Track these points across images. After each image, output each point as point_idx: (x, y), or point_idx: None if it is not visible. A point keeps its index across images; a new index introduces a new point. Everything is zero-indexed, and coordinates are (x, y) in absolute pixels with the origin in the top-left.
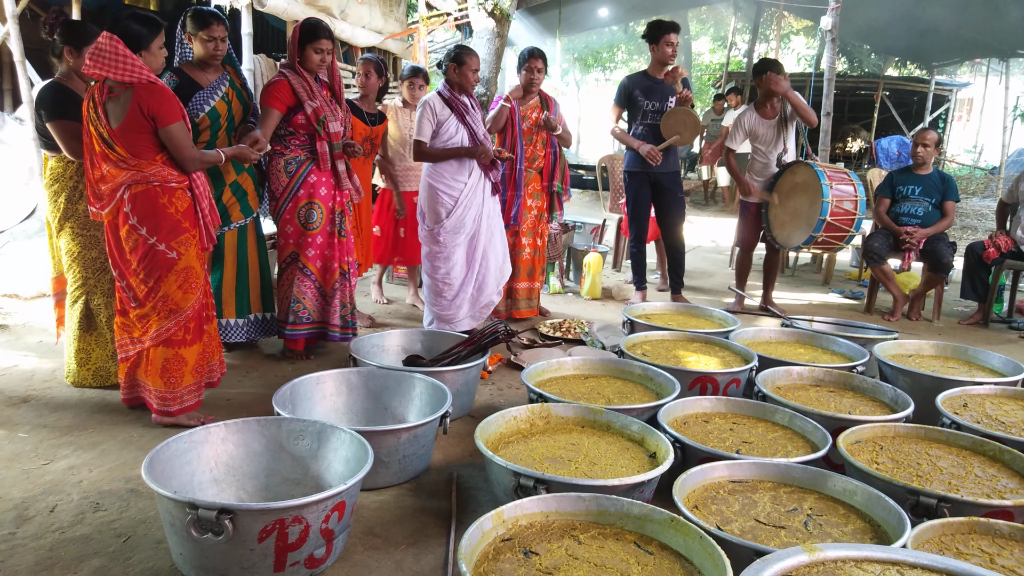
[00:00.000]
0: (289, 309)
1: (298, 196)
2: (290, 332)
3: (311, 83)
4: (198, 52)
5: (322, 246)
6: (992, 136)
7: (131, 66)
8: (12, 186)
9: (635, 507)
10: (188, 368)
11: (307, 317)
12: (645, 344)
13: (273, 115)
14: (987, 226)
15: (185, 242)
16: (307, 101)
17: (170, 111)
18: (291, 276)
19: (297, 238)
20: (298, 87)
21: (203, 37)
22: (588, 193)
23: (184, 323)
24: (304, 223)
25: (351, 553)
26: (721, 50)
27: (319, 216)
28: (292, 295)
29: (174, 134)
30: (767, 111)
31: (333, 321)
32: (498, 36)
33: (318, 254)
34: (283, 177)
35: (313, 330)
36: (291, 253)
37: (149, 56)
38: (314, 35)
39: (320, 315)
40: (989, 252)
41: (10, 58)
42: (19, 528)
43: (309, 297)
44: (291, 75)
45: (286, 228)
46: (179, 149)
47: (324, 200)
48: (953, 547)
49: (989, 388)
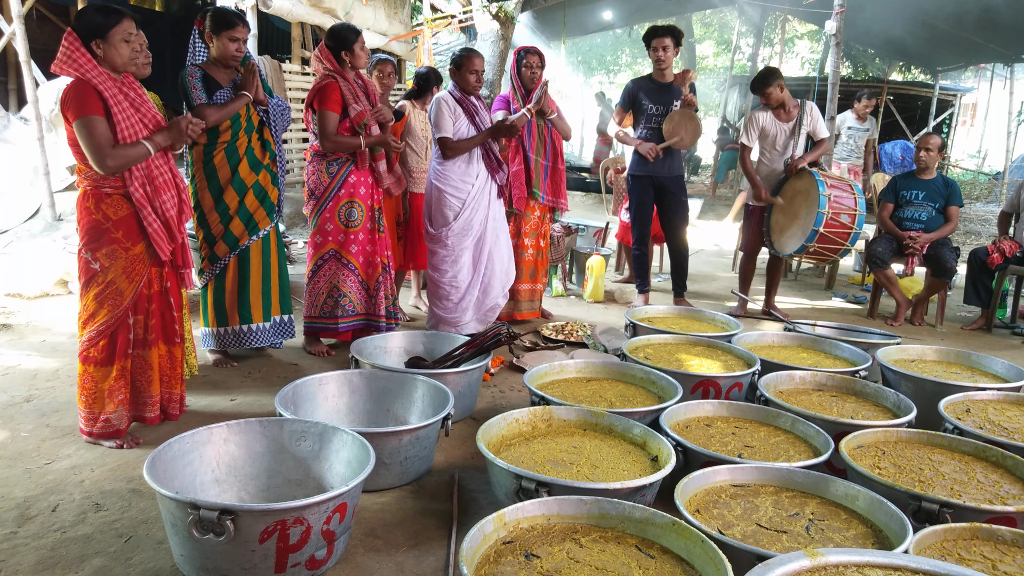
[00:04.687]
0: (334, 303)
1: (339, 196)
2: (344, 324)
3: (355, 86)
4: (219, 52)
5: (364, 242)
6: (996, 141)
7: (64, 60)
8: (17, 186)
9: (637, 511)
10: (102, 390)
11: (352, 310)
12: (647, 347)
13: (331, 116)
14: (991, 231)
15: (112, 254)
16: (352, 104)
17: (79, 105)
18: (331, 272)
19: (338, 236)
20: (345, 90)
21: (229, 36)
22: (591, 196)
23: (94, 340)
24: (346, 222)
25: (352, 555)
26: (725, 54)
27: (359, 214)
28: (336, 289)
29: (82, 129)
30: (781, 113)
31: (380, 312)
32: (502, 39)
33: (360, 250)
34: (324, 177)
35: (359, 322)
36: (331, 250)
37: (107, 47)
38: (355, 33)
39: (365, 307)
40: (993, 257)
41: (16, 58)
42: (21, 527)
43: (354, 291)
44: (339, 78)
45: (326, 226)
46: (87, 148)
47: (363, 199)
48: (955, 553)
49: (992, 394)
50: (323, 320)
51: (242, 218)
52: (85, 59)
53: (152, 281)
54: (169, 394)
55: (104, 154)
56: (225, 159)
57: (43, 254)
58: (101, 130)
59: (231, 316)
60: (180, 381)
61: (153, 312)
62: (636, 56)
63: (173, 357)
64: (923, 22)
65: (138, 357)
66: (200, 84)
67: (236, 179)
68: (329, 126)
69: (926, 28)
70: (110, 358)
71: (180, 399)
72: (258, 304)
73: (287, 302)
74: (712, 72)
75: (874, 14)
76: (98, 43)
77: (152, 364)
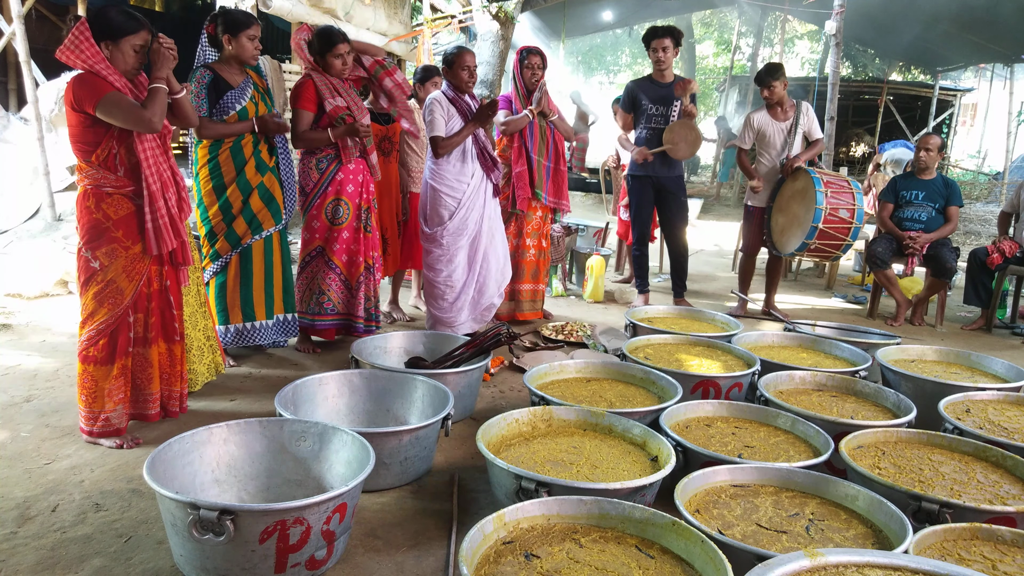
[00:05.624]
0: (314, 300)
1: (326, 193)
2: (321, 323)
3: (334, 81)
4: (238, 52)
5: (348, 240)
6: (996, 141)
7: (71, 48)
8: (17, 186)
9: (637, 511)
10: (102, 389)
11: (332, 308)
12: (647, 347)
13: (304, 116)
14: (990, 231)
15: (111, 253)
16: (327, 99)
17: (93, 90)
18: (316, 268)
19: (324, 233)
20: (321, 86)
21: (247, 36)
22: (591, 196)
23: (94, 339)
24: (331, 219)
25: (352, 555)
26: (725, 54)
27: (345, 212)
28: (317, 287)
29: (108, 106)
30: (778, 113)
31: (358, 313)
32: (502, 39)
33: (344, 248)
34: (314, 174)
35: (339, 321)
36: (317, 247)
37: (116, 51)
38: (331, 43)
39: (345, 307)
40: (993, 257)
41: (15, 58)
42: (21, 527)
43: (334, 289)
44: (315, 75)
45: (313, 223)
46: (125, 119)
47: (351, 197)
48: (955, 553)
49: (992, 394)
50: (307, 316)
51: (246, 218)
52: (93, 51)
53: (152, 279)
54: (169, 391)
55: (139, 114)
56: (230, 157)
57: (43, 254)
58: (126, 100)
59: (232, 313)
60: (180, 379)
61: (153, 310)
62: (636, 56)
63: (173, 355)
64: (923, 22)
65: (138, 355)
66: (205, 92)
67: (242, 179)
68: (299, 125)
69: (926, 28)
70: (110, 357)
71: (180, 397)
72: (260, 301)
73: (291, 300)
74: (712, 72)
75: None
76: (108, 44)
77: (152, 362)
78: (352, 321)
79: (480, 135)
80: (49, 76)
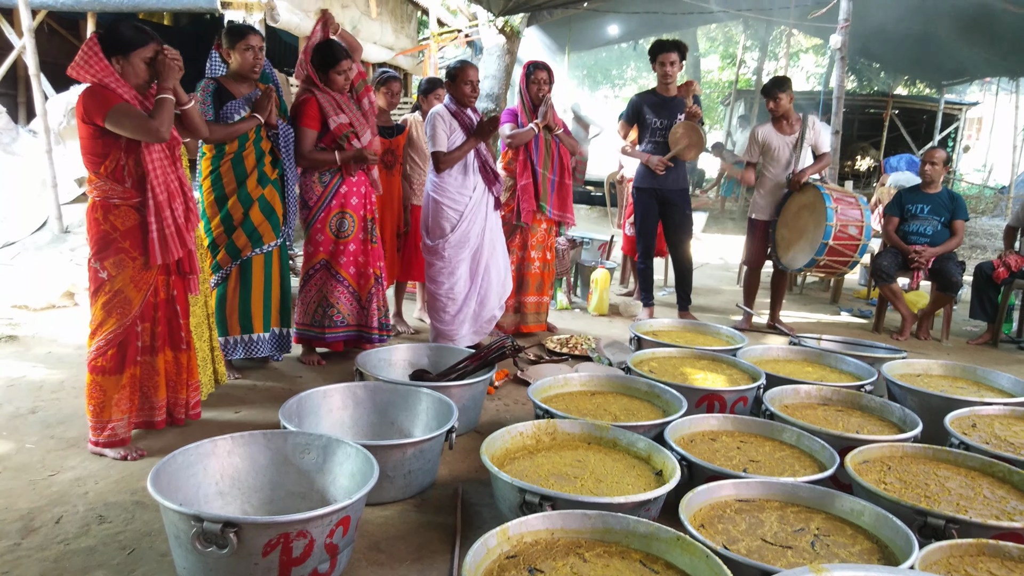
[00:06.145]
0: (322, 312)
1: (330, 206)
2: (331, 335)
3: (337, 98)
4: (237, 64)
5: (355, 253)
6: (1002, 155)
7: (81, 64)
8: (25, 198)
9: (641, 525)
10: (110, 399)
11: (342, 320)
12: (652, 361)
13: (308, 134)
14: (996, 245)
15: (119, 263)
16: (331, 117)
17: (102, 101)
18: (322, 281)
19: (329, 246)
20: (324, 103)
21: (242, 47)
22: (596, 209)
23: (103, 349)
24: (336, 232)
25: (355, 568)
26: (730, 68)
27: (351, 225)
28: (325, 300)
29: (118, 117)
30: (783, 127)
31: (372, 324)
32: (508, 53)
33: (351, 260)
34: (317, 187)
35: (350, 333)
36: (321, 260)
37: (127, 65)
38: (333, 59)
39: (356, 319)
40: (999, 272)
41: (25, 72)
42: (24, 539)
43: (343, 302)
44: (318, 91)
45: (317, 236)
46: (133, 130)
47: (355, 209)
48: (961, 569)
49: (998, 408)
50: (313, 329)
51: (246, 230)
52: (102, 65)
53: (159, 289)
54: (175, 399)
55: (147, 124)
56: (231, 169)
57: (50, 266)
58: (135, 110)
59: (230, 325)
60: (186, 387)
61: (160, 319)
62: (641, 70)
63: (179, 363)
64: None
65: (145, 364)
66: (210, 99)
67: (243, 191)
68: (304, 144)
69: (931, 42)
70: (119, 366)
71: (187, 404)
72: (259, 314)
73: (287, 315)
74: (717, 86)
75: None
76: (118, 59)
77: (159, 370)
78: (364, 332)
79: (482, 148)
80: (58, 89)
